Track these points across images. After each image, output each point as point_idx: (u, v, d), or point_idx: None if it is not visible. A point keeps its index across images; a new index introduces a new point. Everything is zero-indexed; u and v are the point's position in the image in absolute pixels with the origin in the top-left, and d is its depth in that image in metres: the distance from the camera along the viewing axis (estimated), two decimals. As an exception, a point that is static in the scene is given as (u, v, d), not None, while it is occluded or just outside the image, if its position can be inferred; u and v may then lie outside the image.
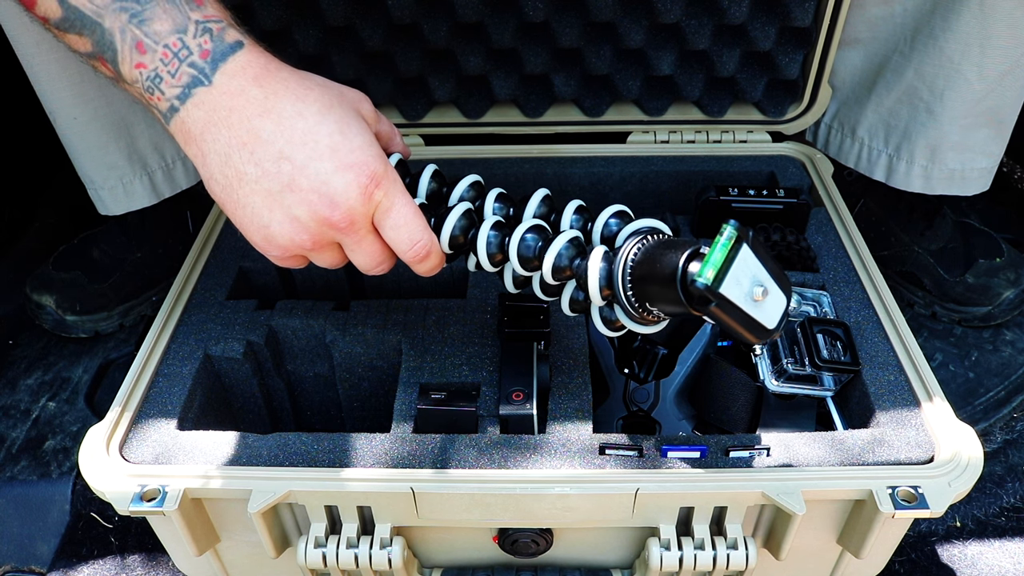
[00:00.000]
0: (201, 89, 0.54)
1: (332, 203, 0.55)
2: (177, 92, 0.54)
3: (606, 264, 0.58)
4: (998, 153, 0.96)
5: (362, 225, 0.58)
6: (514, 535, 0.68)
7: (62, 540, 0.84)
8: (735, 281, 0.50)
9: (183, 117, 0.55)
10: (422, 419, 0.67)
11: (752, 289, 0.51)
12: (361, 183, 0.55)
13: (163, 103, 0.55)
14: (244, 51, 0.55)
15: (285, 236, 0.57)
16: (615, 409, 0.77)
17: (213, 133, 0.54)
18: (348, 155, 0.55)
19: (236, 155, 0.54)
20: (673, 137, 1.04)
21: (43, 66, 0.83)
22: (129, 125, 0.91)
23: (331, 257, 0.61)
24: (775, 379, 0.73)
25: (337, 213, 0.55)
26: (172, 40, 0.53)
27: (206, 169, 0.56)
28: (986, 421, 0.94)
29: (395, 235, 0.59)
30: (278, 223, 0.56)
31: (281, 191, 0.55)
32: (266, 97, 0.54)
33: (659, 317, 0.57)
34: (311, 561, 0.64)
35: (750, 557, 0.64)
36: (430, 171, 0.66)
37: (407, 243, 0.59)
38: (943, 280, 1.04)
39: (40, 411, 0.96)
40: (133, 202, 0.96)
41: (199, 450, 0.66)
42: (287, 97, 0.55)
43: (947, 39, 0.88)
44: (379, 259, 0.61)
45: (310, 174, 0.54)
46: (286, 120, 0.54)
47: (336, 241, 0.59)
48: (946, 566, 0.81)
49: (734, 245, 0.50)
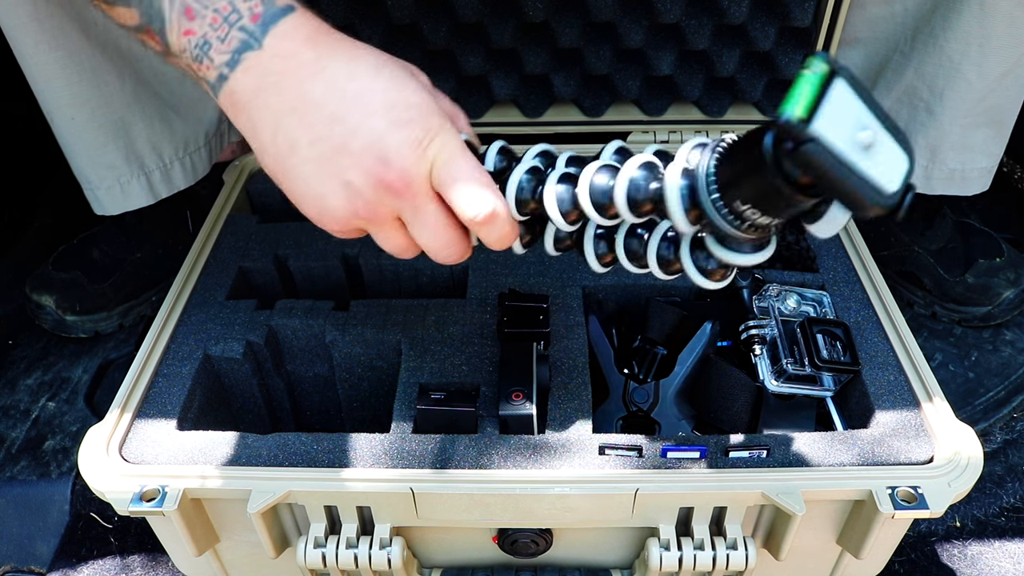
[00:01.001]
0: (251, 54, 0.51)
1: (385, 161, 0.51)
2: (226, 58, 0.52)
3: (687, 179, 0.49)
4: (998, 153, 0.96)
5: (420, 188, 0.53)
6: (514, 535, 0.68)
7: (62, 540, 0.84)
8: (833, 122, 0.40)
9: (232, 86, 0.52)
10: (422, 419, 0.67)
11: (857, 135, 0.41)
12: (415, 137, 0.51)
13: (212, 72, 0.53)
14: (295, 14, 0.53)
15: (341, 206, 0.53)
16: (615, 409, 0.77)
17: (263, 99, 0.52)
18: (403, 112, 0.52)
19: (287, 121, 0.52)
20: (673, 137, 1.04)
21: (41, 66, 0.83)
22: (127, 125, 0.91)
23: (394, 236, 0.56)
24: (775, 379, 0.73)
25: (392, 172, 0.51)
26: (222, 4, 0.51)
27: (257, 140, 0.54)
28: (986, 421, 0.94)
29: (456, 195, 0.53)
30: (332, 192, 0.53)
31: (334, 156, 0.51)
32: (318, 59, 0.52)
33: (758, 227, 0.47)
34: (311, 561, 0.64)
35: (750, 557, 0.64)
36: (497, 146, 0.60)
37: (469, 202, 0.53)
38: (943, 280, 1.04)
39: (40, 411, 0.96)
40: (130, 202, 0.96)
41: (199, 450, 0.66)
42: (339, 58, 0.52)
43: (947, 39, 0.88)
44: (446, 234, 0.55)
45: (363, 134, 0.51)
46: (339, 82, 0.52)
47: (397, 213, 0.54)
48: (946, 566, 0.81)
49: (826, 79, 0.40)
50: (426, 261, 0.86)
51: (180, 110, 0.96)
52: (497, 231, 0.55)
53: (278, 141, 0.53)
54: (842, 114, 0.40)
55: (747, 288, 0.79)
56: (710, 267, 0.53)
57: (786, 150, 0.40)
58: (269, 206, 1.00)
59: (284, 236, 0.89)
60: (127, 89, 0.89)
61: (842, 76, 0.40)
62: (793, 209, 0.45)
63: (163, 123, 0.94)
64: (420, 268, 0.86)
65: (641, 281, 0.83)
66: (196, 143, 0.99)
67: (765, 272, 0.82)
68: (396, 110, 0.52)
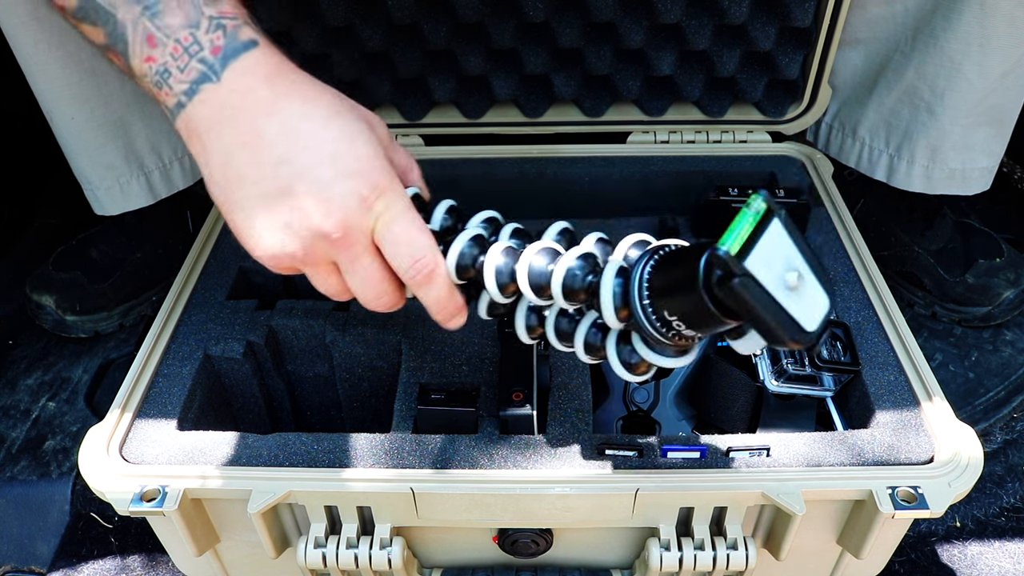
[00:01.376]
0: (209, 86, 0.53)
1: (327, 211, 0.51)
2: (184, 88, 0.53)
3: (621, 279, 0.52)
4: (999, 153, 0.96)
5: (358, 240, 0.53)
6: (514, 535, 0.68)
7: (62, 540, 0.84)
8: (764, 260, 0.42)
9: (189, 113, 0.54)
10: (422, 419, 0.67)
11: (785, 275, 0.43)
12: (360, 192, 0.52)
13: (170, 99, 0.54)
14: (257, 50, 0.54)
15: (277, 246, 0.53)
16: (615, 409, 0.77)
17: (217, 131, 0.53)
18: (351, 163, 0.53)
19: (238, 155, 0.52)
20: (673, 137, 1.04)
21: (40, 66, 0.83)
22: (126, 125, 0.91)
23: (327, 280, 0.57)
24: (775, 379, 0.73)
25: (330, 222, 0.52)
26: (184, 35, 0.53)
27: (207, 168, 0.54)
28: (986, 421, 0.94)
29: (395, 252, 0.54)
30: (270, 230, 0.53)
31: (277, 196, 0.52)
32: (275, 98, 0.53)
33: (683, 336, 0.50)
34: (311, 561, 0.64)
35: (750, 557, 0.64)
36: (445, 205, 0.60)
37: (408, 260, 0.54)
38: (943, 280, 1.04)
39: (40, 411, 0.96)
40: (130, 202, 0.96)
41: (199, 450, 0.66)
42: (295, 99, 0.54)
43: (948, 39, 0.88)
44: (380, 287, 0.56)
45: (308, 180, 0.52)
46: (291, 122, 0.53)
47: (332, 259, 0.55)
48: (946, 566, 0.81)
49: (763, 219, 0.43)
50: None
51: None
52: (435, 293, 0.56)
53: (227, 174, 0.53)
54: (774, 254, 0.43)
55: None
56: (633, 361, 0.55)
57: (717, 279, 0.43)
58: (269, 206, 0.99)
59: (284, 236, 0.89)
60: (127, 89, 0.89)
61: (778, 217, 0.44)
62: (717, 327, 0.47)
63: (162, 123, 0.94)
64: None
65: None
66: None
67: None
68: (344, 161, 0.52)
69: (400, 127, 1.03)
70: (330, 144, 0.53)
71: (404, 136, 1.03)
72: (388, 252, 0.55)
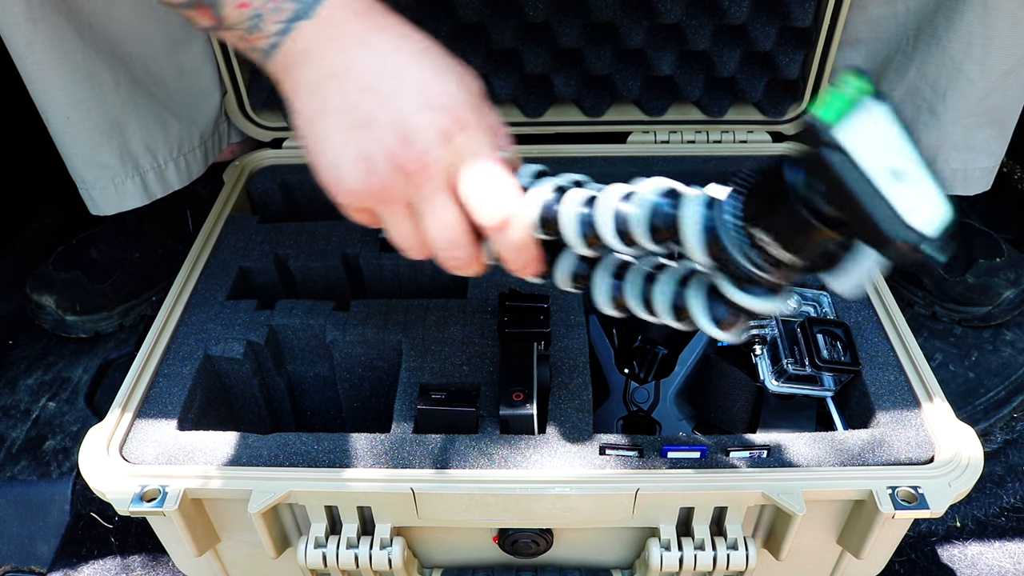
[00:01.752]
0: (302, 23, 0.51)
1: (406, 141, 0.49)
2: (278, 28, 0.52)
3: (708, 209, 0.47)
4: (1000, 153, 0.96)
5: (436, 174, 0.50)
6: (514, 535, 0.68)
7: (62, 540, 0.84)
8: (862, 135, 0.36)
9: (283, 52, 0.52)
10: (422, 419, 0.67)
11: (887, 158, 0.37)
12: (443, 126, 0.50)
13: (263, 41, 0.53)
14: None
15: (355, 178, 0.51)
16: (615, 409, 0.77)
17: (308, 64, 0.52)
18: (436, 96, 0.50)
19: (325, 85, 0.51)
20: (673, 137, 1.04)
21: (36, 66, 0.83)
22: (121, 125, 0.91)
23: (402, 224, 0.54)
24: (775, 379, 0.73)
25: (410, 153, 0.49)
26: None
27: (297, 103, 0.53)
28: (986, 421, 0.94)
29: (473, 189, 0.51)
30: (350, 162, 0.51)
31: (360, 126, 0.50)
32: (366, 31, 0.52)
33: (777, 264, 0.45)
34: (311, 561, 0.64)
35: (750, 557, 0.64)
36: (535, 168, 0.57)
37: (487, 198, 0.51)
38: (943, 280, 1.04)
39: (40, 411, 0.96)
40: (124, 202, 0.96)
41: (199, 450, 0.66)
42: (387, 33, 0.52)
43: (950, 38, 0.88)
44: (454, 234, 0.52)
45: (392, 109, 0.50)
46: (380, 53, 0.51)
47: (408, 199, 0.52)
48: (946, 566, 0.81)
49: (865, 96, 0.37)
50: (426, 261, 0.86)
51: (175, 110, 0.96)
52: (514, 237, 0.52)
53: (313, 104, 0.52)
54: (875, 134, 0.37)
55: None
56: (723, 317, 0.51)
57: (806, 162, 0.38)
58: (269, 206, 1.00)
59: (284, 236, 0.89)
60: (121, 89, 0.89)
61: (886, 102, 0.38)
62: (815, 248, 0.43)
63: (157, 123, 0.94)
64: (420, 268, 0.86)
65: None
66: (191, 144, 0.99)
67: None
68: (429, 93, 0.50)
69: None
70: (417, 75, 0.51)
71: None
72: (466, 190, 0.51)
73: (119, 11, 0.85)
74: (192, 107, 0.98)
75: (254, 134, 1.04)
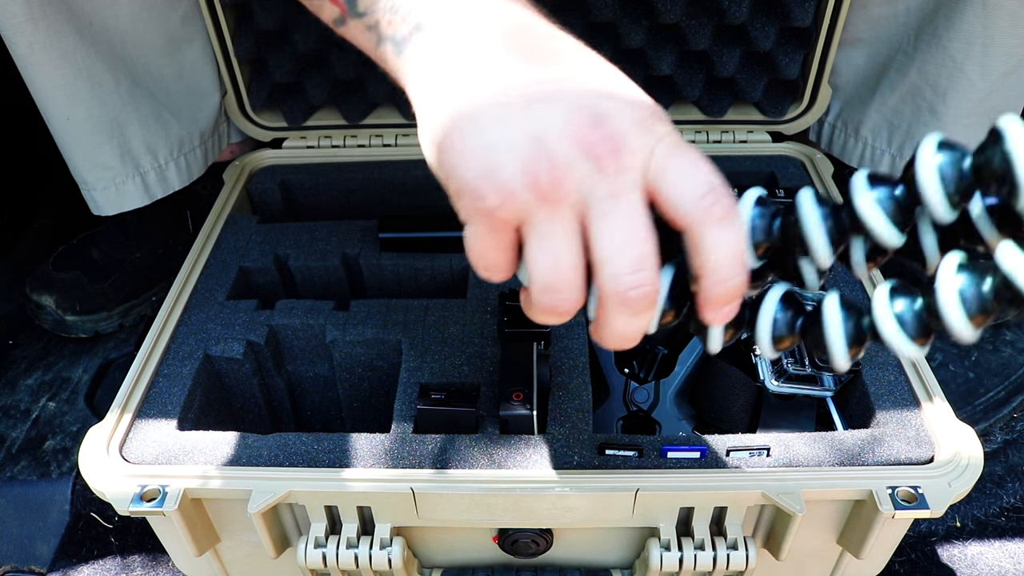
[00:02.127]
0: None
1: (598, 117, 0.38)
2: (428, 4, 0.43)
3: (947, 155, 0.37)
4: (999, 153, 0.96)
5: (630, 165, 0.38)
6: (514, 535, 0.68)
7: (62, 540, 0.84)
8: None
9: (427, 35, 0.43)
10: (422, 419, 0.67)
11: None
12: (639, 113, 0.39)
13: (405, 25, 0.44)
14: None
15: (516, 164, 0.38)
16: (615, 409, 0.77)
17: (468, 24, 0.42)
18: (625, 89, 0.41)
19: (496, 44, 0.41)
20: (673, 137, 1.04)
21: (36, 66, 0.83)
22: (122, 126, 0.91)
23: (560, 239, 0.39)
24: (775, 379, 0.73)
25: (602, 131, 0.38)
26: None
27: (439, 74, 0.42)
28: (986, 421, 0.94)
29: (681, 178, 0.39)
30: (514, 145, 0.38)
31: (534, 100, 0.39)
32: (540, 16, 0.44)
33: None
34: (311, 561, 0.64)
35: (750, 557, 0.64)
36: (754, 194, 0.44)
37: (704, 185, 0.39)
38: (943, 280, 1.03)
39: (40, 411, 0.96)
40: (125, 203, 0.96)
41: (199, 450, 0.66)
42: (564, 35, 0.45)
43: (950, 38, 0.88)
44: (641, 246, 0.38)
45: (575, 89, 0.40)
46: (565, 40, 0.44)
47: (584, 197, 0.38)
48: (946, 566, 0.81)
49: None
50: (425, 260, 0.87)
51: (175, 110, 0.96)
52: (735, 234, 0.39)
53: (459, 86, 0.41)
54: None
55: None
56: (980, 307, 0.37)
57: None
58: (269, 206, 1.00)
59: (284, 236, 0.89)
60: (122, 89, 0.89)
61: None
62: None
63: (158, 123, 0.94)
64: (420, 268, 0.86)
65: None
66: (191, 143, 0.99)
67: (765, 272, 0.82)
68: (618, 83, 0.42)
69: (401, 127, 1.03)
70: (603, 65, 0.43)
71: (404, 136, 1.03)
72: (672, 180, 0.39)
73: (120, 11, 0.85)
74: (193, 107, 0.98)
75: (254, 134, 1.04)
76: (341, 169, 1.00)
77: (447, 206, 0.41)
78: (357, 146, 1.03)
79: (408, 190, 0.99)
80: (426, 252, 0.86)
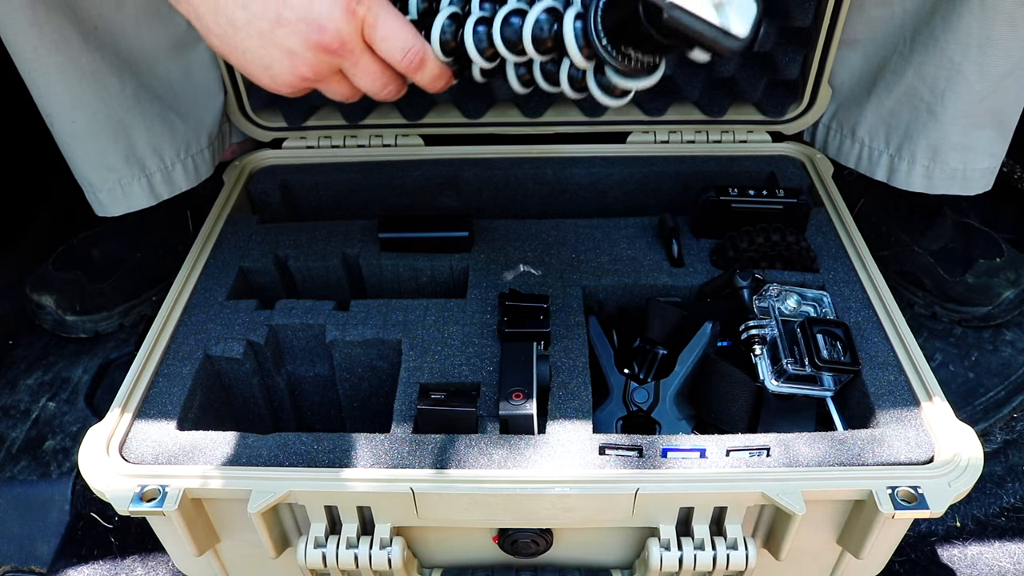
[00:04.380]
0: None
1: (320, 27, 0.58)
2: None
3: (580, 22, 0.58)
4: (1000, 153, 0.96)
5: (354, 44, 0.60)
6: (514, 535, 0.68)
7: (62, 540, 0.84)
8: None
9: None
10: (422, 419, 0.67)
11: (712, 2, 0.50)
12: (343, 3, 0.58)
13: None
14: None
15: (287, 71, 0.60)
16: (615, 409, 0.77)
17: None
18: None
19: (224, 2, 0.58)
20: (673, 137, 1.04)
21: (40, 71, 0.83)
22: (127, 127, 0.91)
23: (340, 87, 0.64)
24: (775, 379, 0.73)
25: (327, 36, 0.58)
26: None
27: (201, 24, 0.60)
28: (986, 421, 0.94)
29: (386, 47, 0.61)
30: (278, 61, 0.60)
31: (271, 28, 0.58)
32: None
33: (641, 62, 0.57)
34: (311, 561, 0.64)
35: (750, 557, 0.64)
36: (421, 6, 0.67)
37: (400, 51, 0.61)
38: (943, 280, 1.04)
39: (40, 411, 0.96)
40: (131, 203, 0.96)
41: (199, 450, 0.66)
42: None
43: (947, 40, 0.88)
44: (382, 79, 0.63)
45: (293, 5, 0.57)
46: None
47: (337, 68, 0.62)
48: (946, 566, 0.81)
49: None
50: (425, 260, 0.87)
51: (181, 112, 0.96)
52: (428, 73, 0.63)
53: (220, 22, 0.59)
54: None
55: (747, 288, 0.79)
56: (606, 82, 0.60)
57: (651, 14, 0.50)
58: (269, 206, 1.00)
59: (284, 236, 0.89)
60: (127, 92, 0.89)
61: None
62: (669, 51, 0.55)
63: (164, 125, 0.94)
64: (420, 268, 0.86)
65: (641, 282, 0.83)
66: (198, 144, 0.99)
67: (765, 272, 0.82)
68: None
69: (400, 127, 1.03)
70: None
71: (404, 136, 1.03)
72: (380, 49, 0.61)
73: (124, 14, 0.85)
74: (199, 108, 0.98)
75: (254, 134, 1.04)
76: (341, 169, 1.00)
77: (447, 206, 0.43)
78: (357, 146, 1.03)
79: (408, 190, 0.99)
80: (426, 252, 0.87)
